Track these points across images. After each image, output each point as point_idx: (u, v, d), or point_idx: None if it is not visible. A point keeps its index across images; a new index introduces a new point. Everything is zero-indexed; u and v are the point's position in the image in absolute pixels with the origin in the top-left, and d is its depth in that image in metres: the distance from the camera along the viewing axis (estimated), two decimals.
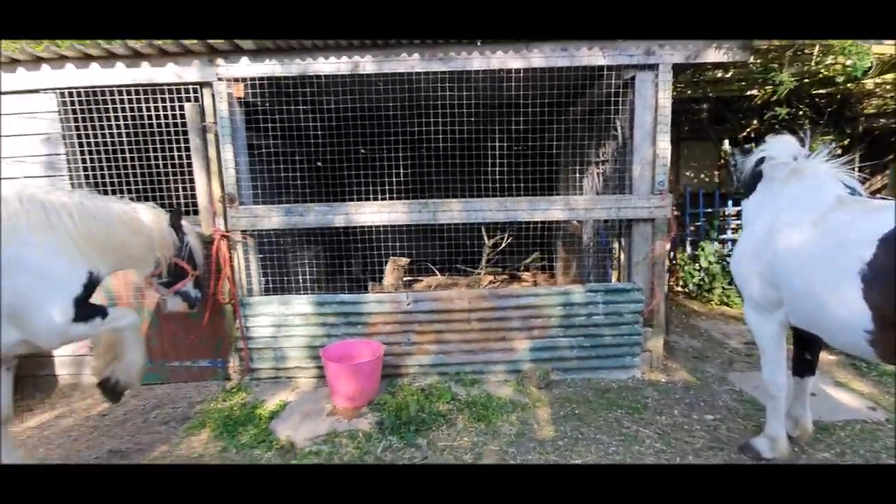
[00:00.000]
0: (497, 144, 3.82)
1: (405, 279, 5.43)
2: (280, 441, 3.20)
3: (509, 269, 5.78)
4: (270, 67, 3.70)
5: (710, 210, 7.03)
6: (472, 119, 3.79)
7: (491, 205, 3.74)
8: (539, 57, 3.61)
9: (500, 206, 3.74)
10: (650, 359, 4.09)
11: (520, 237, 4.94)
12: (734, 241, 6.79)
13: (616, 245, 4.42)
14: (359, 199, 3.90)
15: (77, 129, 3.96)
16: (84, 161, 3.99)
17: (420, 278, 5.66)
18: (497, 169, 3.83)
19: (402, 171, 3.82)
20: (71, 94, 3.88)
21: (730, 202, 7.06)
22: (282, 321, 3.97)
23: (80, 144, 3.98)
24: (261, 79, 3.76)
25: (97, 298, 2.91)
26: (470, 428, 3.31)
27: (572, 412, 3.49)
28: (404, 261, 5.43)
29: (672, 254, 6.36)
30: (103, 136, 3.96)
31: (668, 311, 4.41)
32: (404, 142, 3.90)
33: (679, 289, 6.52)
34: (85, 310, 2.65)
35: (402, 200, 3.75)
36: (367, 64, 3.64)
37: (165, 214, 3.23)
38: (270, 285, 4.14)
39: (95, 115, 3.91)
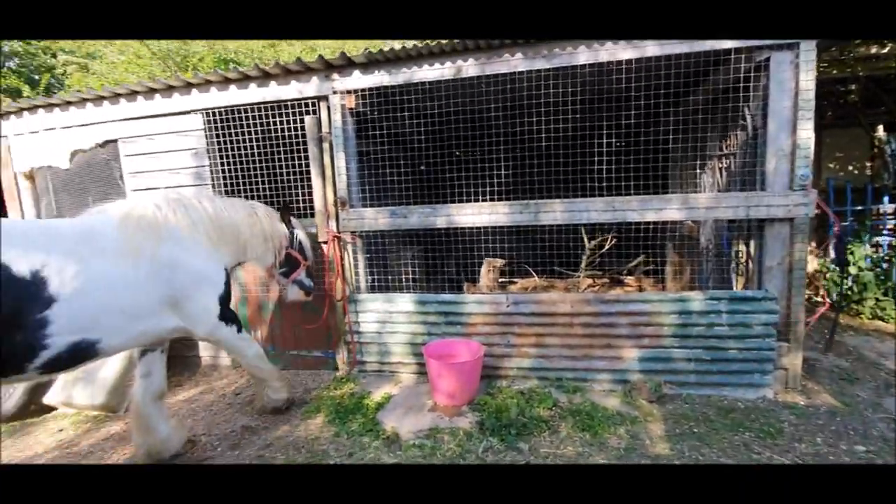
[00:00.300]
0: (604, 141, 3.61)
1: (500, 280, 5.40)
2: (386, 431, 3.35)
3: (610, 273, 5.47)
4: (379, 78, 3.90)
5: (860, 208, 5.99)
6: (577, 115, 3.64)
7: (597, 205, 3.56)
8: (654, 45, 3.36)
9: (607, 206, 3.54)
10: (785, 378, 3.59)
11: (622, 239, 4.65)
12: (893, 246, 5.72)
13: (741, 248, 3.95)
14: (460, 201, 3.93)
15: (217, 143, 4.54)
16: (222, 171, 4.58)
17: (515, 280, 5.59)
18: (604, 167, 3.63)
19: (503, 171, 3.79)
20: (213, 114, 4.46)
21: (885, 198, 5.96)
22: (386, 318, 4.17)
23: (220, 156, 4.57)
24: (370, 89, 3.99)
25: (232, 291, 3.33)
26: (574, 437, 3.18)
27: (690, 431, 3.19)
28: (500, 262, 5.40)
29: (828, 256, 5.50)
30: (237, 148, 4.50)
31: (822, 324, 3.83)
32: (505, 142, 3.87)
33: (819, 298, 5.64)
34: (225, 310, 3.07)
35: (503, 202, 3.72)
36: (470, 67, 3.68)
37: (276, 211, 3.63)
38: (375, 283, 4.37)
39: (231, 130, 4.46)
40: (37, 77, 12.70)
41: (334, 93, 4.03)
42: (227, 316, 3.10)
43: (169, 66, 10.07)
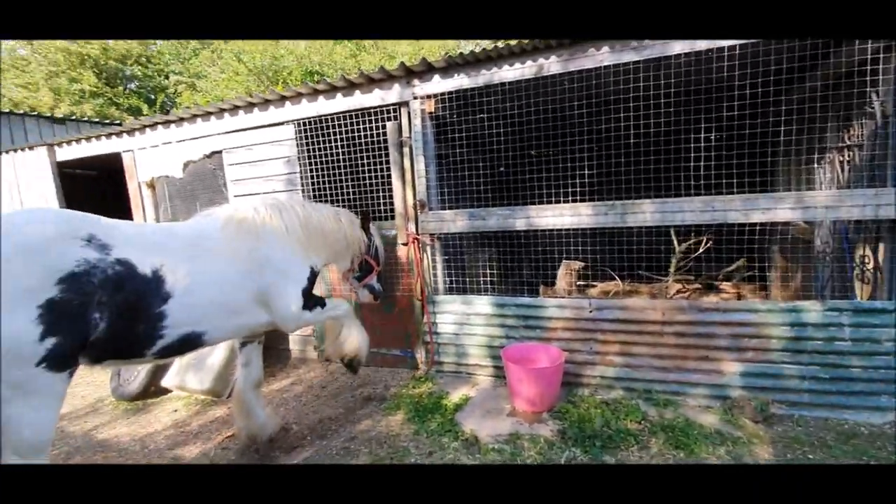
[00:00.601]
0: (701, 135, 3.33)
1: (578, 283, 5.20)
2: (465, 433, 3.36)
3: (703, 278, 5.05)
4: (459, 81, 3.93)
5: None
6: (669, 109, 3.39)
7: (693, 204, 3.29)
8: None
9: (706, 206, 3.26)
10: None
11: (717, 241, 4.26)
12: None
13: (867, 253, 3.45)
14: (539, 202, 3.84)
15: (307, 151, 4.84)
16: (311, 176, 4.87)
17: (594, 283, 5.35)
18: (701, 164, 3.35)
19: (585, 171, 3.64)
20: (303, 124, 4.76)
21: None
22: (464, 319, 4.19)
23: (309, 163, 4.87)
24: (449, 93, 4.03)
25: (317, 290, 3.51)
26: (666, 454, 2.97)
27: (804, 456, 2.84)
28: (578, 265, 5.20)
29: None
30: (324, 155, 4.77)
31: None
32: (589, 141, 3.71)
33: None
34: (309, 300, 3.25)
35: (586, 203, 3.58)
36: (552, 65, 3.58)
37: (357, 218, 3.78)
38: (453, 285, 4.41)
39: (319, 138, 4.73)
40: (153, 97, 14.46)
41: (414, 98, 4.13)
42: (309, 304, 3.27)
43: (262, 81, 10.97)
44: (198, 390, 4.39)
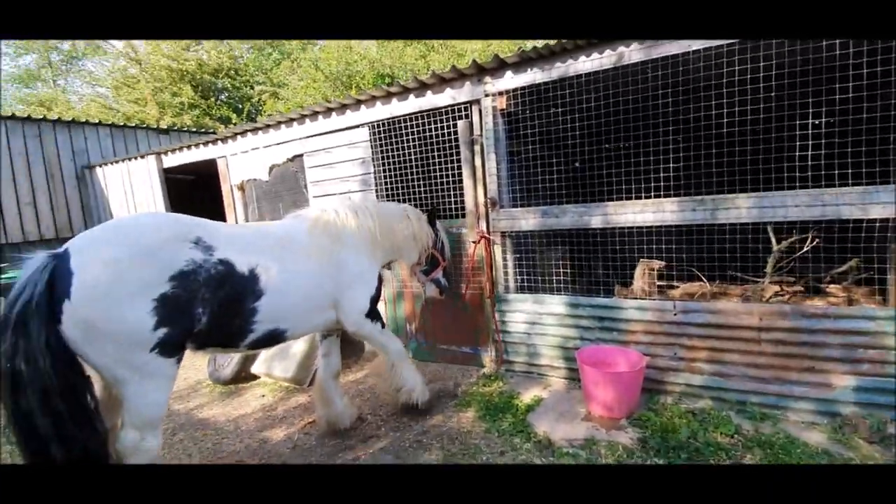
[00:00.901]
0: (808, 121, 2.99)
1: (659, 284, 4.89)
2: (538, 435, 3.30)
3: (805, 280, 4.53)
4: (532, 76, 3.85)
5: None
6: (770, 94, 3.07)
7: (798, 199, 2.96)
8: None
9: (813, 200, 2.92)
10: None
11: (821, 239, 3.78)
12: None
13: None
14: (618, 199, 3.66)
15: (380, 152, 5.00)
16: (384, 177, 5.03)
17: (675, 284, 5.01)
18: (808, 153, 3.00)
19: (670, 164, 3.40)
20: (377, 126, 4.92)
21: None
22: (535, 319, 4.11)
23: (382, 164, 5.03)
24: (522, 88, 3.96)
25: (389, 284, 3.60)
26: None
27: None
28: (658, 264, 4.89)
29: None
30: (396, 155, 4.90)
31: None
32: (674, 132, 3.46)
33: None
34: (374, 310, 3.36)
35: (670, 198, 3.35)
36: (633, 53, 3.39)
37: (424, 214, 3.85)
38: (524, 284, 4.34)
39: (391, 139, 4.86)
40: (240, 106, 15.73)
41: (486, 95, 4.11)
42: (374, 314, 3.40)
43: (338, 87, 11.52)
44: (282, 378, 4.71)
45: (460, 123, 4.25)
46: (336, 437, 3.62)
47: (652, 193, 3.53)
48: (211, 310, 2.44)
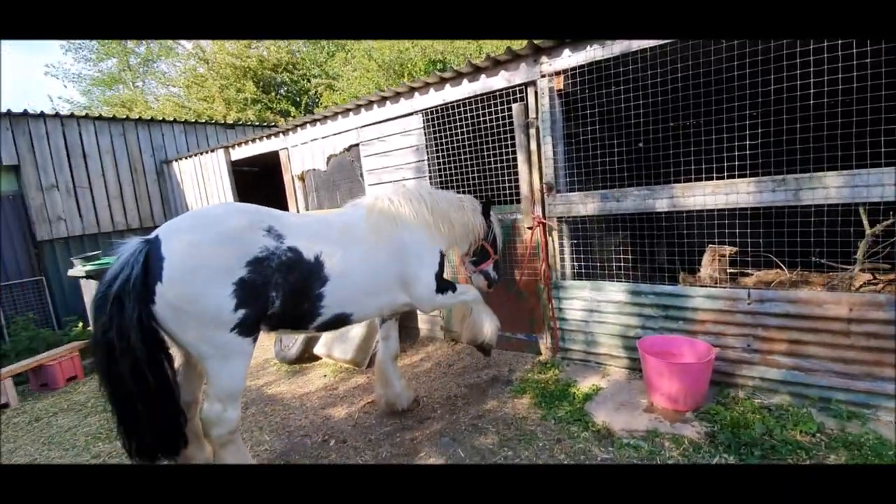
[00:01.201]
0: None
1: (729, 272, 4.59)
2: (596, 424, 3.23)
3: None
4: (591, 53, 3.68)
5: None
6: (864, 60, 2.74)
7: None
8: None
9: None
10: None
11: None
12: None
13: None
14: (686, 180, 3.44)
15: (433, 139, 5.01)
16: (437, 163, 5.04)
17: (748, 272, 4.67)
18: None
19: (747, 141, 3.14)
20: (430, 112, 4.93)
21: None
22: (593, 306, 3.99)
23: (436, 151, 5.05)
24: (580, 67, 3.79)
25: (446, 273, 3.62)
26: None
27: None
28: (729, 250, 4.57)
29: None
30: (449, 142, 4.89)
31: None
32: (752, 106, 3.18)
33: None
34: (441, 283, 3.42)
35: (745, 178, 3.10)
36: None
37: (479, 205, 3.81)
38: (581, 270, 4.22)
39: (444, 126, 4.85)
40: (298, 99, 16.33)
41: (542, 76, 3.98)
42: (443, 287, 3.45)
43: (390, 75, 11.64)
44: (342, 359, 4.93)
45: (515, 106, 4.16)
46: (394, 418, 3.75)
47: (725, 174, 3.28)
48: (283, 294, 2.60)
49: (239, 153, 7.65)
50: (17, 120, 7.49)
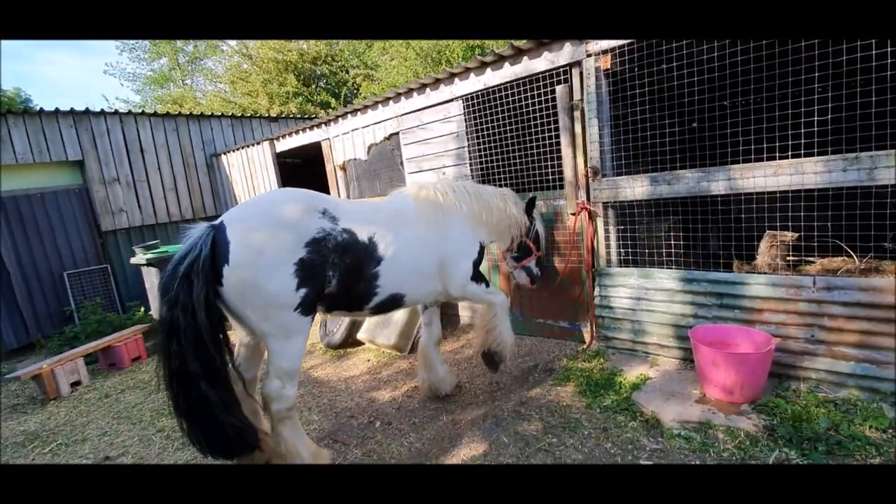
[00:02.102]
0: None
1: (790, 259, 4.32)
2: (644, 414, 3.15)
3: None
4: None
5: None
6: None
7: None
8: None
9: None
10: None
11: None
12: None
13: None
14: (745, 161, 3.24)
15: (474, 125, 4.97)
16: (478, 150, 5.00)
17: (810, 259, 4.38)
18: None
19: (815, 117, 2.91)
20: (470, 98, 4.88)
21: None
22: (641, 294, 3.87)
23: (476, 137, 5.00)
24: (629, 45, 3.63)
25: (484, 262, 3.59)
26: None
27: None
28: (791, 236, 4.30)
29: None
30: (490, 127, 4.83)
31: None
32: (821, 79, 2.95)
33: None
34: (477, 272, 3.42)
35: (813, 158, 2.89)
36: None
37: (522, 201, 3.76)
38: (628, 257, 4.09)
39: (485, 111, 4.79)
40: (337, 91, 16.58)
41: (588, 56, 3.84)
42: (477, 276, 3.47)
43: (428, 63, 11.60)
44: (384, 345, 5.03)
45: (559, 89, 4.05)
46: (437, 402, 3.80)
47: (790, 153, 3.07)
48: (339, 273, 2.69)
49: (283, 145, 7.87)
50: (80, 118, 8.01)
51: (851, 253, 3.64)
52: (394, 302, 3.06)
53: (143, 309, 7.44)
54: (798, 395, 3.06)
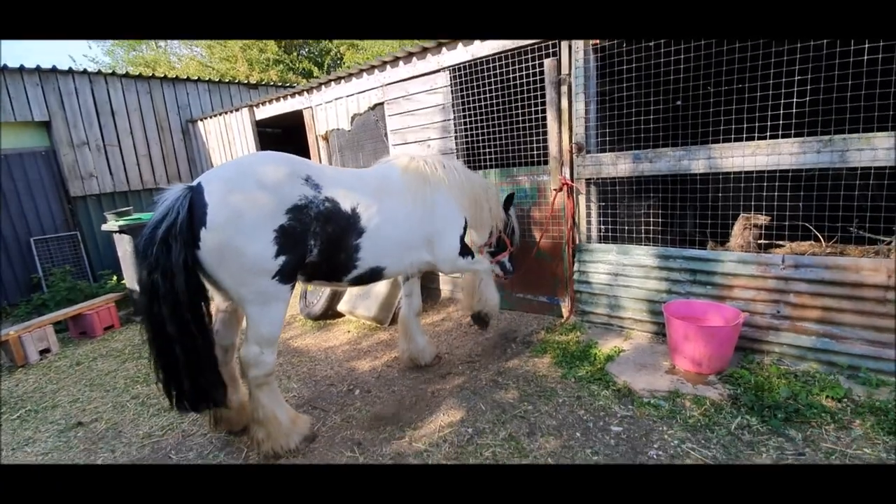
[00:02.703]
0: None
1: (760, 242, 4.46)
2: (617, 384, 3.26)
3: None
4: None
5: None
6: None
7: None
8: None
9: None
10: None
11: None
12: None
13: None
14: (725, 141, 3.31)
15: (461, 97, 4.91)
16: (464, 123, 4.95)
17: (780, 243, 4.54)
18: None
19: (794, 98, 2.98)
20: (457, 69, 4.80)
21: None
22: (619, 270, 3.96)
23: (462, 109, 4.95)
24: None
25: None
26: (875, 440, 2.49)
27: None
28: (763, 219, 4.43)
29: None
30: (476, 100, 4.78)
31: None
32: (802, 61, 3.00)
33: None
34: (463, 246, 3.45)
35: (788, 139, 2.97)
36: None
37: (502, 197, 3.82)
38: (607, 234, 4.16)
39: (472, 84, 4.73)
40: (320, 60, 16.09)
41: None
42: (464, 251, 3.52)
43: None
44: (364, 316, 5.04)
45: (547, 62, 4.02)
46: (416, 372, 3.85)
47: (767, 134, 3.14)
48: (320, 243, 2.64)
49: (263, 112, 7.64)
50: (46, 76, 7.58)
51: (819, 236, 3.78)
52: (374, 275, 3.04)
53: (115, 277, 7.25)
54: (762, 367, 3.21)
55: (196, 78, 9.72)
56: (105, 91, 8.27)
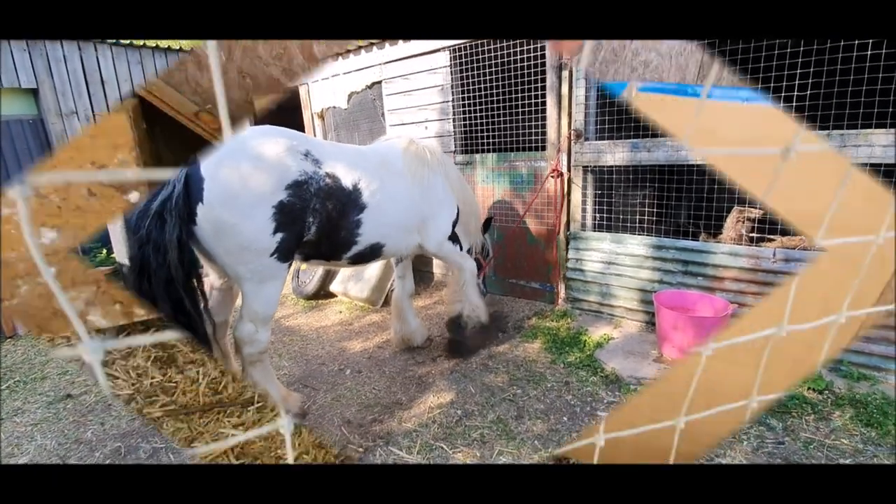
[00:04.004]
0: None
1: (752, 236, 4.50)
2: (605, 370, 3.31)
3: None
4: None
5: None
6: None
7: None
8: None
9: None
10: None
11: None
12: None
13: None
14: None
15: (460, 78, 4.83)
16: (462, 105, 4.89)
17: (772, 237, 4.58)
18: None
19: (794, 93, 2.97)
20: (457, 50, 4.72)
21: None
22: (611, 259, 3.98)
23: (462, 91, 4.88)
24: None
25: None
26: (853, 431, 2.56)
27: None
28: (756, 212, 4.48)
29: None
30: (476, 82, 4.71)
31: None
32: (804, 54, 2.99)
33: None
34: (454, 233, 3.46)
35: None
36: None
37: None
38: (602, 222, 4.17)
39: (472, 65, 4.65)
40: None
41: None
42: (454, 237, 3.53)
43: None
44: (357, 297, 5.04)
45: (549, 43, 3.96)
46: (407, 354, 3.88)
47: None
48: (320, 220, 2.60)
49: None
50: (33, 42, 7.34)
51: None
52: (374, 252, 3.02)
53: (105, 251, 7.16)
54: None
55: (189, 49, 9.47)
56: (94, 59, 8.04)
